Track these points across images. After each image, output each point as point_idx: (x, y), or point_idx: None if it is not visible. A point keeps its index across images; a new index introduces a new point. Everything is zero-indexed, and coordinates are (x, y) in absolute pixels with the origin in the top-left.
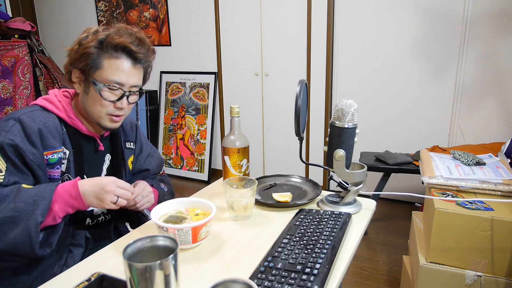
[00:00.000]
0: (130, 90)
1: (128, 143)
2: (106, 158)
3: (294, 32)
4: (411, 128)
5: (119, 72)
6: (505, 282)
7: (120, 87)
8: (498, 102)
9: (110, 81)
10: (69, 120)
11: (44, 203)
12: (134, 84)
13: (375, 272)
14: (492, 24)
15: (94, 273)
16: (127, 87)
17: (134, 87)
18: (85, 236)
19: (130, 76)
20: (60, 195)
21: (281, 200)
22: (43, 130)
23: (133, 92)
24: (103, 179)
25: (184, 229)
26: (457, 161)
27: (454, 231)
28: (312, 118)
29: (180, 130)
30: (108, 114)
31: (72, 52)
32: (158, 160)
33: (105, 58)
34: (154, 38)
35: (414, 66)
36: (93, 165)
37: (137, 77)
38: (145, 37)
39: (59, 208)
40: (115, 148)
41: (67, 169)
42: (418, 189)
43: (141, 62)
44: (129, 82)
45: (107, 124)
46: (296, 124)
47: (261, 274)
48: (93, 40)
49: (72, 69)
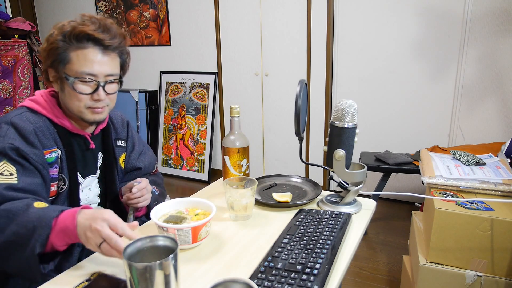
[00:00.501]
0: (105, 80)
1: (119, 141)
2: (99, 157)
3: (294, 32)
4: (411, 128)
5: (88, 63)
6: (505, 282)
7: (93, 78)
8: (498, 102)
9: (80, 74)
10: (57, 120)
11: (43, 233)
12: (109, 73)
13: (375, 272)
14: (492, 24)
15: (94, 273)
16: (102, 77)
17: (110, 76)
18: None
19: (102, 65)
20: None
21: (281, 200)
22: (37, 130)
23: (110, 82)
24: (98, 213)
25: (184, 229)
26: (457, 161)
27: (454, 231)
28: (312, 118)
29: (180, 130)
30: (87, 107)
31: (42, 51)
32: (151, 158)
33: (72, 50)
34: (154, 38)
35: (414, 66)
36: (86, 163)
37: (110, 65)
38: (110, 23)
39: (56, 238)
40: (106, 146)
41: (61, 169)
42: (418, 189)
43: (112, 49)
44: (102, 71)
45: (90, 117)
46: (296, 124)
47: (261, 274)
48: (58, 34)
49: (47, 68)
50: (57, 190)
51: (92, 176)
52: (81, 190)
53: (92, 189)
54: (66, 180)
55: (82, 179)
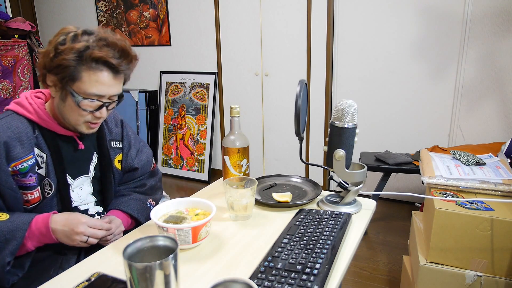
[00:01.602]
0: (110, 100)
1: (113, 142)
2: (93, 157)
3: (294, 32)
4: (411, 128)
5: (99, 85)
6: (505, 282)
7: (100, 99)
8: (498, 102)
9: (89, 94)
10: (42, 122)
11: (14, 243)
12: (114, 93)
13: (375, 272)
14: (492, 24)
15: (94, 273)
16: (107, 97)
17: (114, 96)
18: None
19: (110, 88)
20: (33, 232)
21: (281, 200)
22: (9, 141)
23: (113, 101)
24: (74, 219)
25: (184, 229)
26: (457, 161)
27: (454, 231)
28: (312, 118)
29: (180, 130)
30: (86, 121)
31: (47, 58)
32: (147, 156)
33: (84, 70)
34: (154, 38)
35: (414, 66)
36: (76, 164)
37: (117, 87)
38: (128, 47)
39: (31, 244)
40: (101, 147)
41: (47, 173)
42: (418, 189)
43: (123, 73)
44: (109, 93)
45: (85, 131)
46: (296, 124)
47: (261, 274)
48: (71, 50)
49: (47, 73)
50: (41, 195)
51: (84, 176)
52: (72, 190)
53: (84, 188)
54: (53, 184)
55: (72, 180)
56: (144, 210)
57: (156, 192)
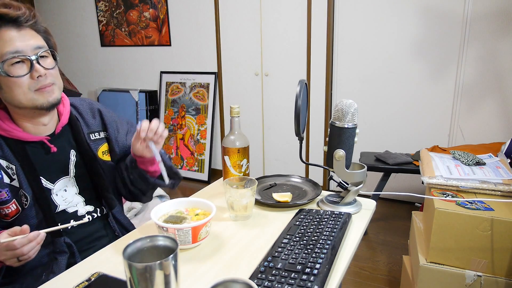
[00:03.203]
0: (36, 53)
1: (92, 134)
2: (71, 155)
3: (294, 32)
4: (411, 128)
5: (7, 42)
6: (505, 282)
7: (22, 55)
8: (498, 102)
9: (5, 55)
10: (4, 132)
11: None
12: (35, 45)
13: (375, 272)
14: (492, 24)
15: (94, 273)
16: (30, 51)
17: (38, 48)
18: (65, 242)
19: (23, 40)
20: None
21: (281, 200)
22: None
23: (42, 56)
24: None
25: (184, 229)
26: (457, 161)
27: (454, 231)
28: (312, 118)
29: (180, 130)
30: (34, 90)
31: None
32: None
33: None
34: (154, 38)
35: (414, 66)
36: (52, 168)
37: (31, 38)
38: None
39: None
40: (80, 143)
41: (20, 184)
42: (418, 189)
43: (23, 22)
44: (26, 45)
45: (43, 101)
46: (296, 124)
47: (261, 274)
48: None
49: None
50: (18, 208)
51: (64, 177)
52: (55, 194)
53: (69, 189)
54: (28, 195)
55: (52, 185)
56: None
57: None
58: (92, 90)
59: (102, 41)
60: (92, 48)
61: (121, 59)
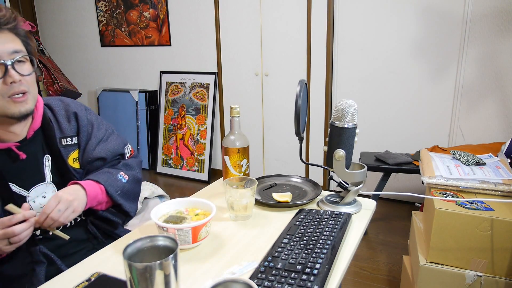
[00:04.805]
0: (12, 58)
1: (64, 139)
2: (45, 160)
3: (294, 32)
4: (411, 128)
5: None
6: (505, 282)
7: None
8: (498, 102)
9: None
10: None
11: None
12: (12, 49)
13: (375, 272)
14: (492, 24)
15: (94, 273)
16: (5, 55)
17: (15, 53)
18: (41, 252)
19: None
20: None
21: (281, 200)
22: None
23: (19, 61)
24: None
25: (184, 229)
26: (457, 161)
27: (454, 231)
28: (312, 118)
29: (180, 130)
30: (6, 97)
31: None
32: (116, 144)
33: None
34: (154, 38)
35: (414, 66)
36: (24, 175)
37: (9, 41)
38: None
39: None
40: (51, 148)
41: None
42: (418, 189)
43: (2, 25)
44: (3, 49)
45: (15, 110)
46: (296, 124)
47: (261, 274)
48: None
49: None
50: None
51: (41, 184)
52: (32, 201)
53: (48, 195)
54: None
55: (27, 192)
56: (113, 181)
57: (132, 169)
58: (92, 90)
59: (102, 41)
60: (92, 48)
61: (121, 59)
